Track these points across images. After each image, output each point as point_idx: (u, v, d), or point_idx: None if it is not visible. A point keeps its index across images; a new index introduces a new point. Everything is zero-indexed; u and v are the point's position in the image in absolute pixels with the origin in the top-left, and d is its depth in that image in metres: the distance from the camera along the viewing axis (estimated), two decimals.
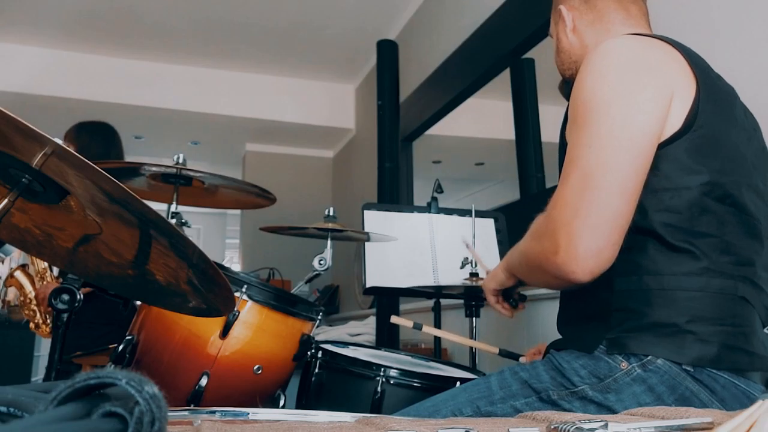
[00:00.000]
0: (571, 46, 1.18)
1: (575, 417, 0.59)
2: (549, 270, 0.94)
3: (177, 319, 1.37)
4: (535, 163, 2.73)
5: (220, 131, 5.47)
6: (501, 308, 1.29)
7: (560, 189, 0.94)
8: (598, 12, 1.14)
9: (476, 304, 1.84)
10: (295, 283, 1.75)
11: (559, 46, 1.21)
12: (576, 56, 1.17)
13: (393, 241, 1.95)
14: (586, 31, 1.15)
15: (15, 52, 4.50)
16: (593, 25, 1.14)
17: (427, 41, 3.79)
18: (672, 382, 0.89)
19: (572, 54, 1.18)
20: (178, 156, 1.64)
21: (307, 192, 5.54)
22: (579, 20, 1.16)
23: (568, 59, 1.19)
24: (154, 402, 0.34)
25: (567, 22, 1.17)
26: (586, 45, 1.15)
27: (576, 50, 1.17)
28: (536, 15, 2.52)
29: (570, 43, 1.18)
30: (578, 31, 1.16)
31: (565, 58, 1.19)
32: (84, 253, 1.00)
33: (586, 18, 1.15)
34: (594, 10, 1.14)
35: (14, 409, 0.37)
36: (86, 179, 0.76)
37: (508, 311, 1.29)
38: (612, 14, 1.13)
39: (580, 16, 1.16)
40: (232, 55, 4.77)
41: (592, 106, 0.94)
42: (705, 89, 0.95)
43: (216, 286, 0.88)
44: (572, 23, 1.17)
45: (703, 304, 0.91)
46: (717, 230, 0.93)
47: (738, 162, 0.97)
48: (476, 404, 1.01)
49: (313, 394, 1.39)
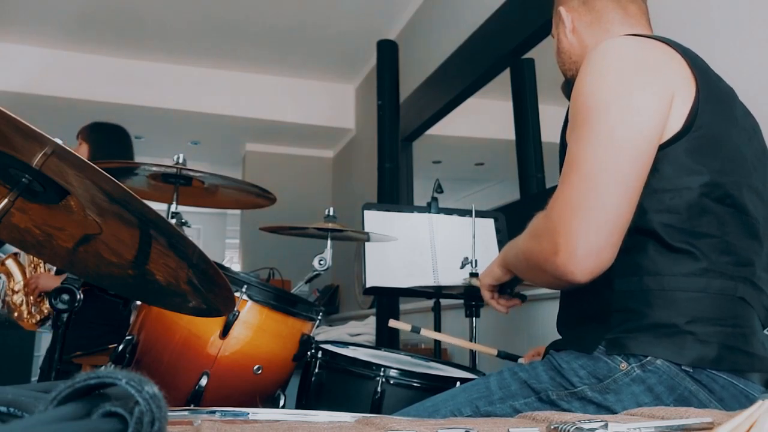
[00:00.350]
0: (570, 46, 1.18)
1: (575, 417, 0.59)
2: (548, 270, 0.94)
3: (177, 319, 1.37)
4: (535, 163, 2.73)
5: (220, 131, 5.48)
6: (496, 304, 1.29)
7: (560, 189, 0.94)
8: (597, 13, 1.14)
9: (476, 304, 1.84)
10: (295, 283, 1.75)
11: (559, 47, 1.21)
12: (576, 56, 1.17)
13: (393, 241, 1.95)
14: (585, 32, 1.16)
15: (15, 52, 4.50)
16: (592, 26, 1.15)
17: (427, 41, 3.79)
18: (671, 383, 0.89)
19: (572, 54, 1.18)
20: (178, 156, 1.64)
21: (307, 192, 5.54)
22: (578, 21, 1.17)
23: (569, 60, 1.19)
24: (154, 402, 0.34)
25: (566, 24, 1.18)
26: (586, 45, 1.15)
27: (576, 51, 1.17)
28: (536, 15, 2.51)
29: (570, 43, 1.18)
30: (577, 32, 1.17)
31: (565, 58, 1.20)
32: (84, 253, 1.00)
33: (585, 19, 1.16)
34: (593, 12, 1.15)
35: (14, 409, 0.37)
36: (86, 179, 0.76)
37: (504, 307, 1.29)
38: (610, 14, 1.13)
39: (578, 17, 1.16)
40: (232, 55, 4.77)
41: (591, 106, 0.94)
42: (705, 90, 0.95)
43: (216, 286, 0.88)
44: (571, 24, 1.17)
45: (703, 304, 0.91)
46: (717, 231, 0.93)
47: (738, 162, 0.97)
48: (475, 404, 1.01)
49: (313, 394, 1.39)
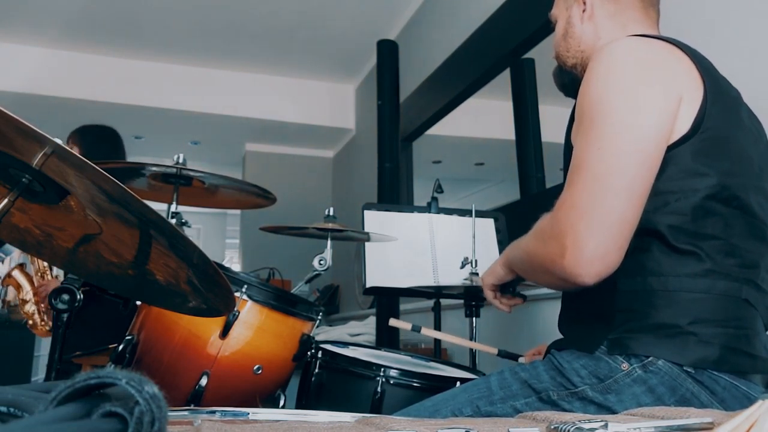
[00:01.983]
0: (583, 32, 1.13)
1: (575, 417, 0.59)
2: (554, 272, 0.93)
3: (177, 319, 1.37)
4: (535, 163, 2.73)
5: (220, 131, 5.47)
6: (499, 303, 1.29)
7: (567, 191, 0.93)
8: (620, 6, 1.10)
9: (476, 304, 1.84)
10: (295, 283, 1.75)
11: (568, 30, 1.15)
12: (585, 46, 1.12)
13: (393, 241, 1.95)
14: (603, 22, 1.11)
15: (15, 52, 4.50)
16: (612, 18, 1.10)
17: (427, 41, 3.79)
18: (672, 384, 0.89)
19: (582, 42, 1.13)
20: (178, 156, 1.63)
21: (307, 192, 5.53)
22: (600, 8, 1.11)
23: (576, 47, 1.14)
24: (154, 402, 0.34)
25: (587, 7, 1.12)
26: (599, 37, 1.11)
27: (587, 39, 1.12)
28: (536, 15, 2.51)
29: (583, 30, 1.13)
30: (595, 20, 1.11)
31: (572, 44, 1.14)
32: (84, 253, 1.00)
33: (608, 8, 1.11)
34: (617, 3, 1.10)
35: (14, 409, 0.37)
36: (86, 179, 0.76)
37: (506, 306, 1.29)
38: (633, 12, 1.10)
39: (601, 4, 1.11)
40: (233, 55, 4.77)
41: (598, 108, 0.93)
42: (712, 91, 0.94)
43: (216, 286, 0.88)
44: (591, 9, 1.12)
45: (707, 306, 0.91)
46: (723, 232, 0.93)
47: (745, 164, 0.97)
48: (476, 404, 1.01)
49: (313, 394, 1.39)
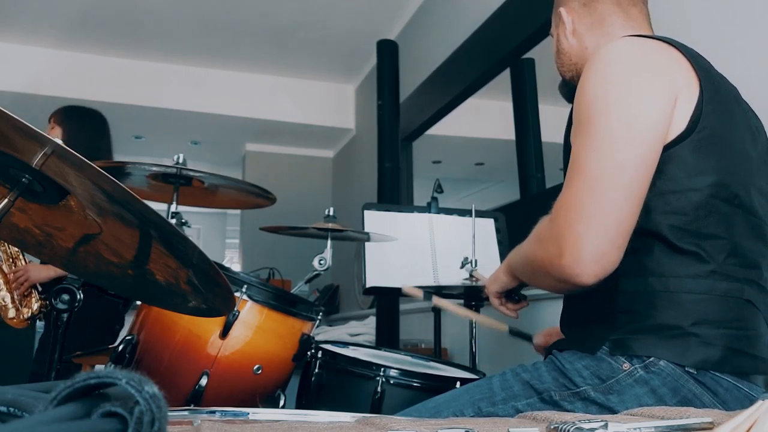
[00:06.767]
0: (570, 48, 1.17)
1: (575, 417, 0.59)
2: (554, 274, 0.93)
3: (177, 319, 1.37)
4: (535, 163, 2.73)
5: (220, 131, 5.47)
6: (505, 310, 1.29)
7: (564, 193, 0.93)
8: (598, 15, 1.13)
9: (476, 304, 1.84)
10: (295, 283, 1.75)
11: (558, 48, 1.20)
12: (576, 58, 1.16)
13: (393, 241, 1.95)
14: (585, 34, 1.14)
15: (15, 52, 4.50)
16: (593, 28, 1.14)
17: (427, 41, 3.79)
18: (674, 384, 0.89)
19: (572, 56, 1.17)
20: (178, 156, 1.63)
21: (307, 192, 5.53)
22: (579, 23, 1.15)
23: (568, 61, 1.18)
24: (154, 402, 0.34)
25: (567, 25, 1.16)
26: (586, 48, 1.14)
27: (576, 52, 1.16)
28: (536, 15, 2.51)
29: (570, 45, 1.17)
30: (578, 34, 1.15)
31: (564, 59, 1.19)
32: (84, 253, 1.00)
33: (586, 21, 1.14)
34: (594, 14, 1.14)
35: (14, 409, 0.37)
36: (86, 179, 0.76)
37: (513, 312, 1.29)
38: (612, 17, 1.12)
39: (579, 19, 1.15)
40: (232, 55, 4.77)
41: (595, 109, 0.93)
42: (708, 89, 0.95)
43: (216, 286, 0.88)
44: (572, 26, 1.16)
45: (709, 306, 0.91)
46: (724, 232, 0.93)
47: (744, 162, 0.97)
48: (478, 405, 1.01)
49: (313, 394, 1.39)
